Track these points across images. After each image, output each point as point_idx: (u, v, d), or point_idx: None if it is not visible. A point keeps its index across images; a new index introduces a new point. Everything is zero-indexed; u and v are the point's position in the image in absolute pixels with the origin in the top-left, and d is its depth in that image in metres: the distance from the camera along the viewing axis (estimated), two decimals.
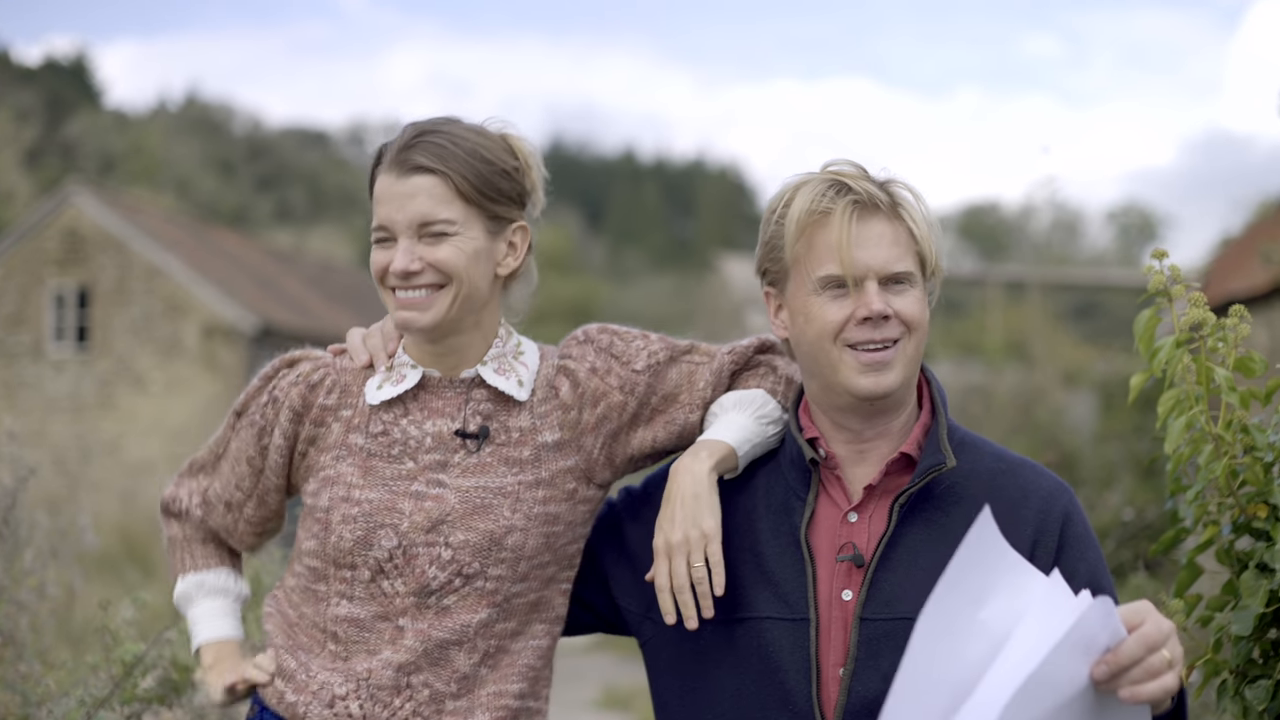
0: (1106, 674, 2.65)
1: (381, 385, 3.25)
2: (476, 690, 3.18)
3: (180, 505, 3.43)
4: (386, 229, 3.15)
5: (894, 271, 3.10)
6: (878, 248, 3.09)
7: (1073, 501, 3.17)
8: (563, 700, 13.45)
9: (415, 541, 3.15)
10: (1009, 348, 28.11)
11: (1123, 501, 12.68)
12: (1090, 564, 3.11)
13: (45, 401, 32.02)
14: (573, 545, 3.29)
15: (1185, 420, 3.31)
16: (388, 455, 3.21)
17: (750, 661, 3.13)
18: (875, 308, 3.07)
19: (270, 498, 3.36)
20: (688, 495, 3.10)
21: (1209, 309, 3.28)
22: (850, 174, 3.15)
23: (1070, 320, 44.77)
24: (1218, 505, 3.41)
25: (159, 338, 31.93)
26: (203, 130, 70.71)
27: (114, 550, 17.97)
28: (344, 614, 3.19)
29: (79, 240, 32.28)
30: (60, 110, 63.24)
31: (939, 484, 3.13)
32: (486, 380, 3.23)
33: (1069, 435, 19.84)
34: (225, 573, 3.45)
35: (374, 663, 3.15)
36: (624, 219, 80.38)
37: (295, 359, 3.34)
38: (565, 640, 3.46)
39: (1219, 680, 3.42)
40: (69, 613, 9.37)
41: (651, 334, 3.36)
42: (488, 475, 3.19)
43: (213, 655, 3.36)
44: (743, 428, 3.21)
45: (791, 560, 3.14)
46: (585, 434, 3.26)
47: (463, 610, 3.16)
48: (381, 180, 3.17)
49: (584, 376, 3.27)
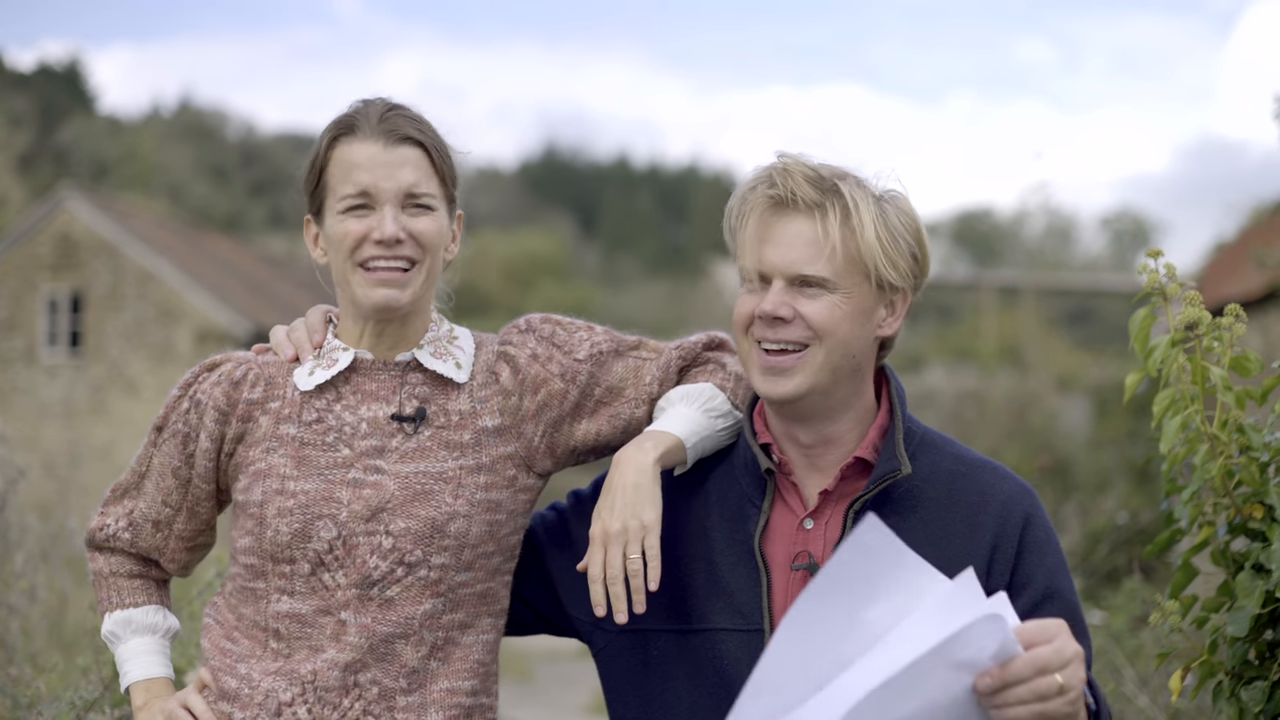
0: (989, 688, 2.57)
1: (313, 371, 3.20)
2: (428, 685, 3.14)
3: (107, 532, 3.34)
4: (370, 195, 3.11)
5: (802, 274, 3.03)
6: (789, 247, 3.04)
7: (1034, 505, 3.12)
8: (554, 705, 13.44)
9: (355, 531, 3.10)
10: (1003, 353, 28.13)
11: (1117, 506, 12.69)
12: (1049, 568, 3.07)
13: (38, 406, 31.99)
14: (514, 536, 3.24)
15: (1181, 420, 3.30)
16: (322, 444, 3.15)
17: (705, 673, 3.09)
18: (767, 308, 3.03)
19: (201, 508, 3.30)
20: (629, 485, 3.03)
21: (1204, 308, 3.27)
22: (787, 169, 3.07)
23: (1064, 326, 44.81)
24: (1213, 506, 3.40)
25: (152, 343, 31.90)
26: (196, 136, 70.64)
27: None
28: (285, 610, 3.13)
29: (72, 245, 32.25)
30: (53, 116, 63.19)
31: (896, 488, 3.09)
32: (423, 364, 3.20)
33: (1063, 440, 19.88)
34: (153, 609, 3.37)
35: (319, 663, 3.10)
36: (617, 225, 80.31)
37: (215, 362, 3.30)
38: (557, 645, 3.45)
39: (1215, 682, 3.41)
40: (60, 617, 9.34)
41: (598, 326, 3.33)
42: (428, 460, 3.14)
43: (143, 695, 3.30)
44: (690, 420, 3.16)
45: (746, 570, 3.10)
46: (525, 421, 3.22)
47: (406, 602, 3.11)
48: (358, 148, 3.13)
49: (524, 363, 3.24)
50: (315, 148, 3.21)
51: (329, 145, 3.17)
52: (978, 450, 3.26)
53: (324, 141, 3.18)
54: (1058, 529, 6.03)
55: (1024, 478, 3.22)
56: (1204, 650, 3.41)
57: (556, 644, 17.21)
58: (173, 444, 3.25)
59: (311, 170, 3.21)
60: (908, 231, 3.09)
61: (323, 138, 3.19)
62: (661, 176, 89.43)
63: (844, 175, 3.08)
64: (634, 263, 72.43)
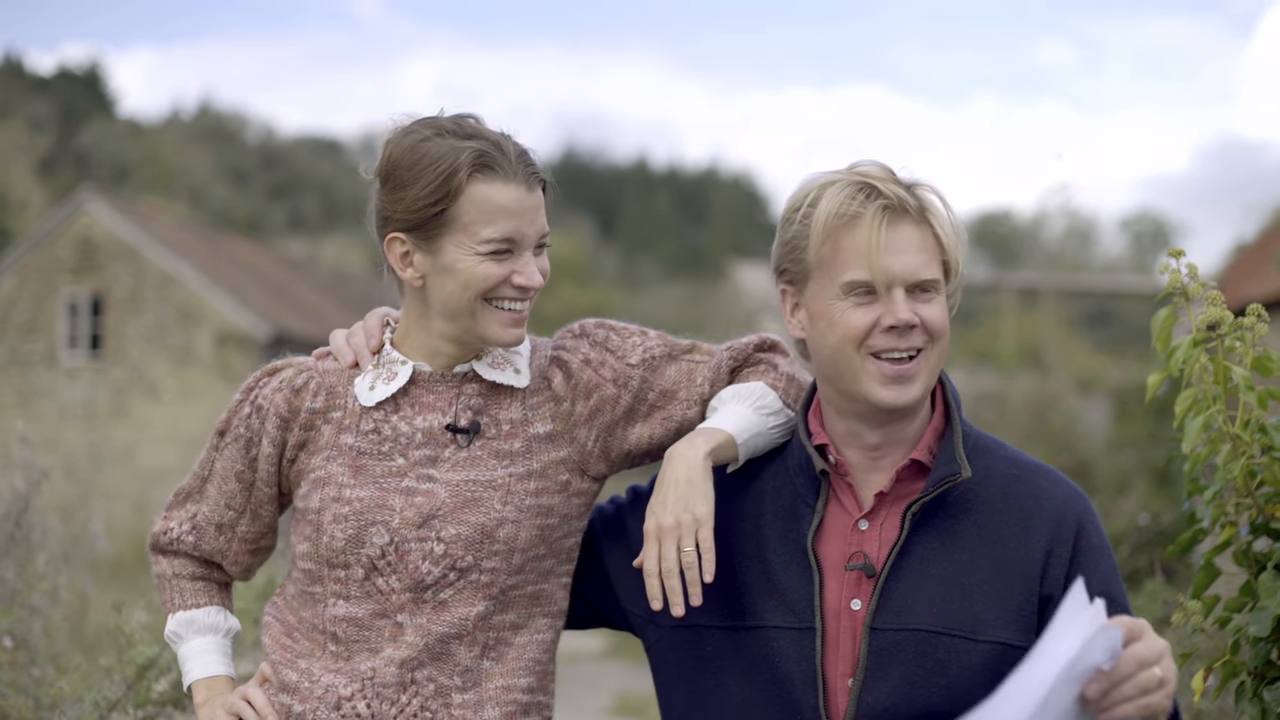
0: (1098, 692, 2.62)
1: (374, 385, 3.21)
2: (484, 684, 3.17)
3: (171, 536, 3.37)
4: (514, 242, 3.11)
5: (921, 279, 3.05)
6: (906, 254, 3.04)
7: (1087, 510, 3.12)
8: (577, 707, 13.44)
9: (407, 538, 3.12)
10: (1022, 355, 28.10)
11: (1137, 508, 12.66)
12: (1104, 573, 3.08)
13: (59, 409, 32.07)
14: (569, 539, 3.26)
15: (1203, 420, 3.29)
16: (378, 453, 3.18)
17: (757, 670, 3.10)
18: (902, 316, 3.02)
19: (264, 510, 3.32)
20: (680, 479, 3.04)
21: (1226, 308, 3.27)
22: (878, 176, 3.08)
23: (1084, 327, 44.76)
24: (1235, 506, 3.39)
25: (172, 345, 31.96)
26: (216, 139, 70.77)
27: (127, 558, 17.95)
28: (342, 614, 3.17)
29: (92, 248, 32.32)
30: (74, 119, 63.39)
31: (952, 491, 3.09)
32: (482, 375, 3.21)
33: (1083, 442, 19.83)
34: (214, 610, 3.40)
35: (377, 661, 3.13)
36: (637, 227, 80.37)
37: (276, 367, 3.31)
38: (579, 647, 3.46)
39: (1237, 682, 3.41)
40: (82, 619, 9.36)
41: (652, 331, 3.33)
42: (478, 469, 3.16)
43: (204, 693, 3.33)
44: (742, 417, 3.17)
45: (799, 569, 3.10)
46: (578, 426, 3.23)
47: (460, 604, 3.14)
48: (501, 190, 3.08)
49: (577, 368, 3.25)
50: (438, 174, 3.09)
51: (466, 179, 3.08)
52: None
53: (462, 174, 3.07)
54: None
55: None
56: (1226, 650, 3.40)
57: (578, 646, 17.22)
58: (235, 448, 3.28)
59: (433, 196, 3.10)
60: (961, 232, 3.15)
61: (456, 168, 3.08)
62: (681, 179, 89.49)
63: (915, 179, 3.11)
64: (653, 265, 72.49)
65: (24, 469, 6.41)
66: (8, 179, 49.39)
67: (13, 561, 6.20)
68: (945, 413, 3.18)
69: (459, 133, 3.13)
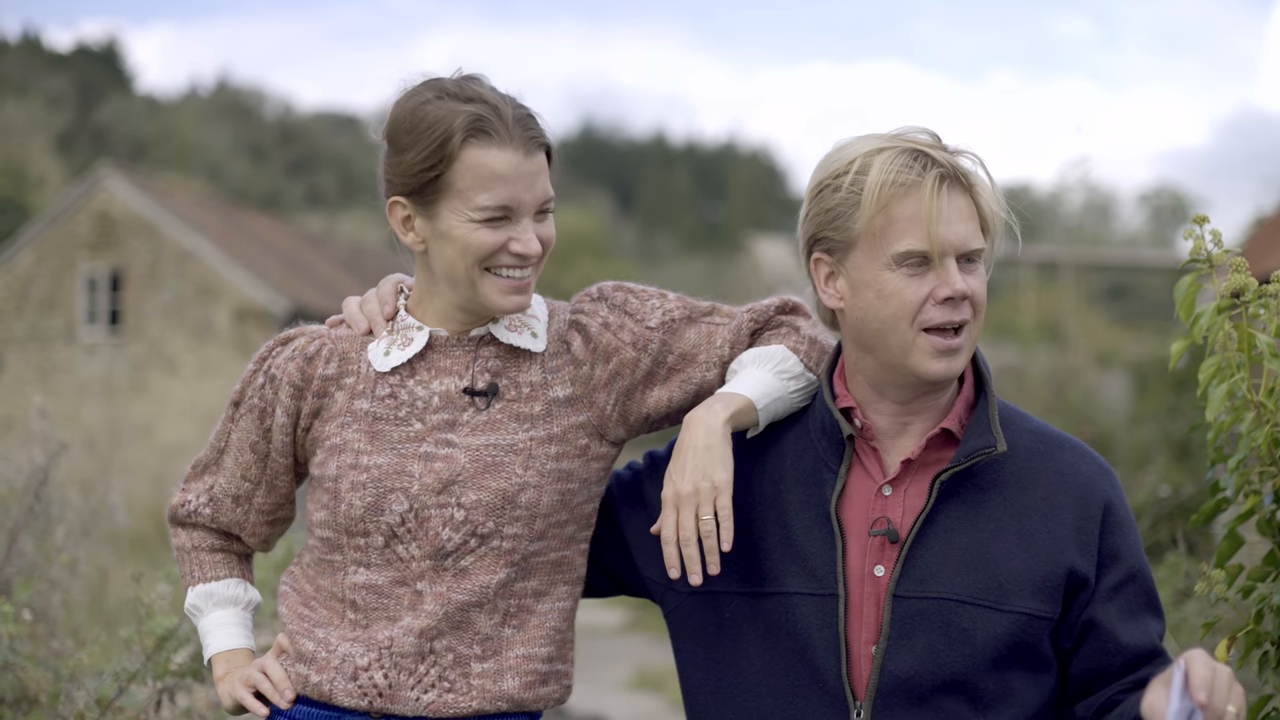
0: None
1: (389, 351, 3.19)
2: (504, 652, 3.15)
3: (188, 508, 3.36)
4: (510, 209, 3.07)
5: (971, 249, 3.02)
6: (959, 223, 3.00)
7: (1113, 484, 3.11)
8: (595, 681, 13.46)
9: (427, 504, 3.10)
10: (1042, 328, 27.98)
11: (1158, 480, 12.63)
12: (1131, 547, 3.08)
13: (78, 385, 32.15)
14: (589, 504, 3.24)
15: (1226, 388, 3.27)
16: (394, 418, 3.15)
17: (778, 637, 3.08)
18: (959, 287, 2.99)
19: (280, 481, 3.31)
20: (699, 446, 3.01)
21: (1250, 275, 3.24)
22: (931, 144, 3.04)
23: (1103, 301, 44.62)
24: (1259, 474, 3.37)
25: (191, 321, 32.02)
26: (234, 115, 70.82)
27: (147, 532, 17.99)
28: (362, 581, 3.15)
29: (110, 224, 32.38)
30: (92, 96, 63.46)
31: (979, 462, 3.07)
32: (498, 338, 3.18)
33: (1102, 416, 19.78)
34: (234, 582, 3.39)
35: (395, 630, 3.11)
36: (655, 202, 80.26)
37: (289, 336, 3.29)
38: (598, 621, 3.45)
39: (1260, 652, 3.39)
40: (102, 591, 9.39)
41: (671, 294, 3.30)
42: (498, 432, 3.14)
43: (224, 666, 3.32)
44: (762, 382, 3.13)
45: (821, 534, 3.08)
46: (597, 390, 3.21)
47: (481, 571, 3.11)
48: (497, 155, 3.04)
49: (596, 331, 3.22)
50: (434, 139, 3.05)
51: (460, 144, 3.04)
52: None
53: (456, 139, 3.04)
54: None
55: None
56: (1250, 620, 3.38)
57: (598, 620, 17.24)
58: (250, 419, 3.26)
59: (428, 161, 3.06)
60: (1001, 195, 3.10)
61: (450, 133, 3.04)
62: (699, 153, 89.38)
63: (957, 146, 3.07)
64: (671, 240, 72.39)
65: (42, 441, 6.41)
66: (26, 155, 49.45)
67: (32, 534, 6.20)
68: (976, 383, 3.16)
69: (460, 95, 3.08)
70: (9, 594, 5.62)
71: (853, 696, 3.00)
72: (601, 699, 13.44)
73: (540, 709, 3.21)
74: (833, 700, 3.02)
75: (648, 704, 13.74)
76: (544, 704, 3.20)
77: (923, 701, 2.98)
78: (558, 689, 3.23)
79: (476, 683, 3.12)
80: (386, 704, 3.11)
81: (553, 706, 3.23)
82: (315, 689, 3.15)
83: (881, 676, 2.98)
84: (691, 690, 3.22)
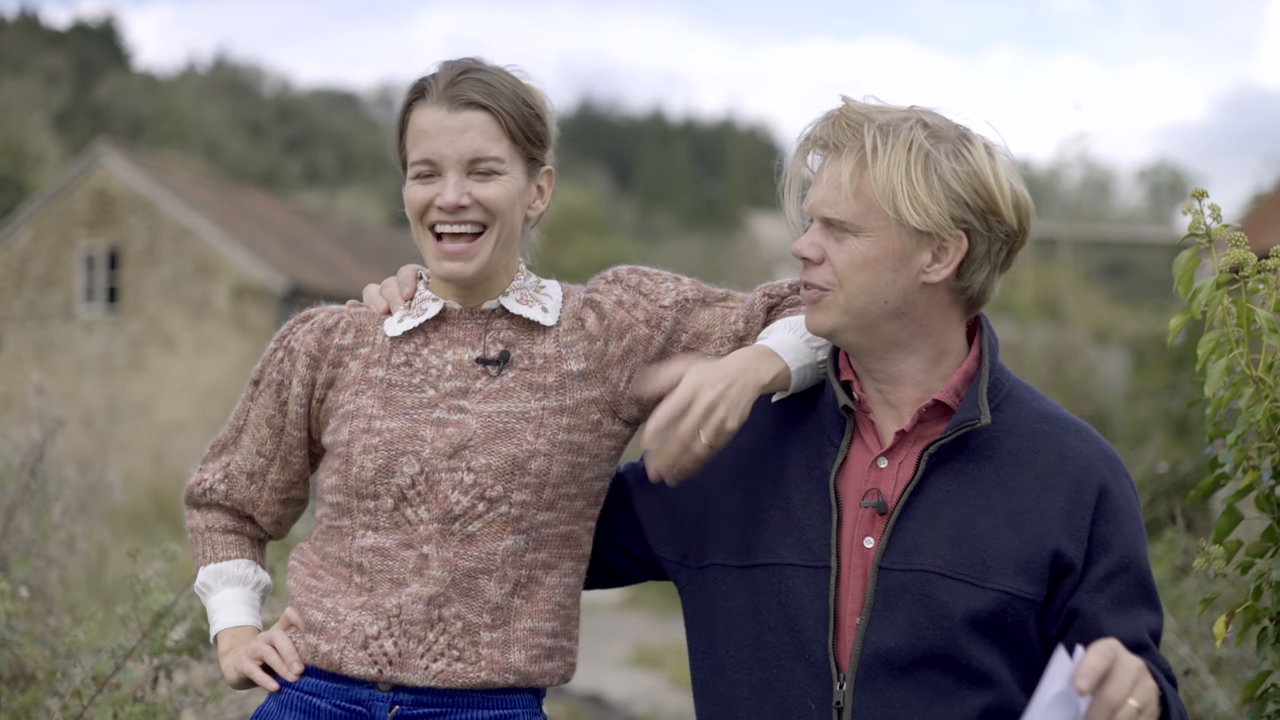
0: None
1: (402, 319, 3.25)
2: (512, 623, 3.16)
3: (204, 487, 3.40)
4: (433, 163, 3.15)
5: (824, 215, 3.02)
6: (819, 187, 3.03)
7: (1114, 471, 3.07)
8: (594, 658, 13.46)
9: (437, 468, 3.13)
10: (1040, 305, 27.99)
11: (1156, 457, 12.64)
12: (1127, 536, 3.03)
13: (76, 362, 32.14)
14: (598, 482, 3.26)
15: (1225, 363, 3.26)
16: (408, 385, 3.20)
17: (769, 608, 3.08)
18: (795, 246, 3.07)
19: (294, 457, 3.34)
20: (734, 389, 3.03)
21: (1249, 249, 3.23)
22: (839, 112, 3.05)
23: (1101, 278, 44.64)
24: (1258, 450, 3.37)
25: (189, 298, 32.00)
26: (232, 92, 70.79)
27: (145, 509, 18.03)
28: (369, 544, 3.16)
29: (109, 201, 32.35)
30: (90, 73, 63.40)
31: (975, 437, 3.06)
32: (509, 309, 3.23)
33: (1101, 393, 19.79)
34: (244, 563, 3.41)
35: (403, 597, 3.12)
36: (653, 179, 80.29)
37: (310, 314, 3.35)
38: (596, 598, 3.45)
39: (1259, 628, 3.39)
40: (99, 569, 9.38)
41: (685, 278, 3.33)
42: (510, 400, 3.18)
43: (229, 642, 3.34)
44: (796, 350, 3.15)
45: (818, 506, 3.08)
46: (611, 366, 3.23)
47: (488, 537, 3.13)
48: (426, 114, 3.16)
49: (610, 309, 3.25)
50: (399, 113, 3.25)
51: (405, 110, 3.21)
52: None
53: (404, 108, 3.22)
54: None
55: None
56: (1248, 596, 3.38)
57: (596, 598, 17.20)
58: (268, 394, 3.31)
59: (398, 136, 3.24)
60: (958, 177, 2.98)
61: (403, 105, 3.23)
62: (697, 130, 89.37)
63: (888, 119, 3.01)
64: (670, 217, 72.42)
65: (40, 419, 6.41)
66: (24, 133, 49.40)
67: (29, 512, 6.21)
68: (979, 357, 3.13)
69: (436, 67, 3.23)
70: (6, 571, 5.62)
71: (837, 669, 2.99)
72: (600, 676, 13.46)
73: (545, 684, 3.22)
74: (817, 673, 3.01)
75: (646, 681, 13.77)
76: (549, 680, 3.21)
77: (904, 674, 2.97)
78: (562, 665, 3.24)
79: (485, 652, 3.13)
80: (396, 672, 3.11)
81: (557, 684, 3.25)
82: (325, 658, 3.15)
83: (864, 649, 2.97)
84: (694, 666, 3.23)
